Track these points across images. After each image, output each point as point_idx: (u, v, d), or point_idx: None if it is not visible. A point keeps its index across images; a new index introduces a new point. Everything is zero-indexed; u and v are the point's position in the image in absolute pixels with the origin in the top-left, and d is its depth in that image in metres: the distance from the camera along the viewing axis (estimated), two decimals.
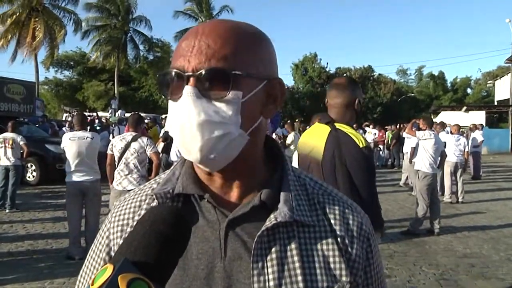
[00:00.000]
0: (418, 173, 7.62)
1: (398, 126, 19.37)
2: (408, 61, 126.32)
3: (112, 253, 0.84)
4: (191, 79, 0.74)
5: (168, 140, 11.06)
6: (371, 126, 19.83)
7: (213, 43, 0.75)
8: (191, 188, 0.82)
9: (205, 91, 0.74)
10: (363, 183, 2.33)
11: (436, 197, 7.54)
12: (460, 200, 9.96)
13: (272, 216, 0.78)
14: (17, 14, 31.56)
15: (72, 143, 5.81)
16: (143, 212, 0.84)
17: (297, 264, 0.77)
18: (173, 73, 0.76)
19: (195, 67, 0.74)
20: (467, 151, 11.10)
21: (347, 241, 0.82)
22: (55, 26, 32.34)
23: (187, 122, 0.74)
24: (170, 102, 0.78)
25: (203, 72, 0.74)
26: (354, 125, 2.81)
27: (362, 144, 2.39)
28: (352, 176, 2.36)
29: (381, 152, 19.19)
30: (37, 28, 31.19)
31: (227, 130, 0.75)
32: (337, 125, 2.51)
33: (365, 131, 19.30)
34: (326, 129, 2.53)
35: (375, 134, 18.40)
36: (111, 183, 5.64)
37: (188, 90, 0.74)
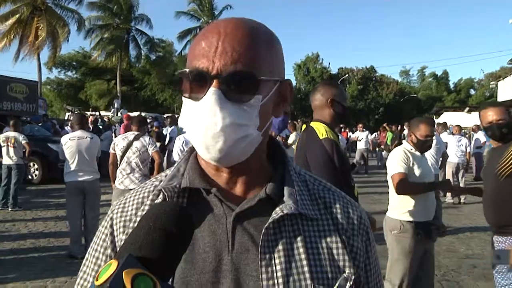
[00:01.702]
0: None
1: (399, 127, 19.29)
2: (411, 61, 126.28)
3: (117, 249, 0.84)
4: (215, 80, 0.74)
5: (161, 140, 11.00)
6: (359, 129, 18.08)
7: (237, 45, 0.75)
8: (198, 182, 0.83)
9: (229, 94, 0.75)
10: (317, 169, 2.42)
11: (438, 197, 7.51)
12: (462, 201, 9.95)
13: (278, 209, 0.80)
14: (20, 13, 31.62)
15: (71, 143, 5.83)
16: (146, 208, 0.85)
17: (303, 256, 0.79)
18: (196, 73, 0.76)
19: (220, 69, 0.74)
20: (469, 152, 11.08)
21: (349, 234, 0.85)
22: (58, 25, 32.40)
23: (211, 124, 0.74)
24: (188, 100, 0.79)
25: (230, 75, 0.74)
26: (341, 124, 2.98)
27: (322, 135, 2.52)
28: (310, 165, 2.49)
29: (383, 153, 19.15)
30: (40, 28, 31.25)
31: (248, 132, 0.77)
32: (312, 123, 2.70)
33: (352, 132, 19.07)
34: (304, 128, 2.78)
35: (367, 136, 17.53)
36: (113, 182, 5.67)
37: (213, 92, 0.74)
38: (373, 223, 3.11)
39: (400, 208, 3.56)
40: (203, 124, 0.75)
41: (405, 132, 15.24)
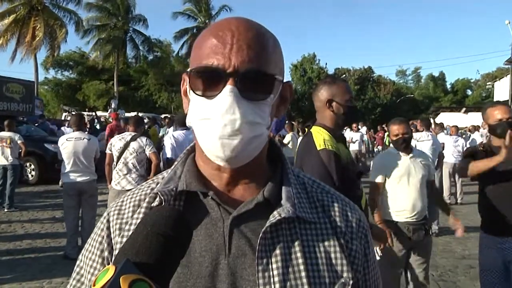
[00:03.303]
0: None
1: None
2: (408, 62, 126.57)
3: (114, 251, 0.83)
4: (231, 78, 0.74)
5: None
6: (353, 129, 16.24)
7: (252, 44, 0.75)
8: (195, 185, 0.82)
9: (245, 92, 0.74)
10: None
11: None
12: (459, 201, 9.97)
13: (275, 212, 0.79)
14: (17, 12, 31.49)
15: (68, 143, 5.84)
16: (142, 210, 0.84)
17: (300, 260, 0.78)
18: (210, 70, 0.75)
19: (237, 66, 0.74)
20: None
21: (347, 237, 0.84)
22: (56, 25, 32.26)
23: (230, 122, 0.74)
24: (200, 99, 0.77)
25: (247, 73, 0.74)
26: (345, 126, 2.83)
27: (320, 146, 2.38)
28: None
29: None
30: (37, 28, 31.11)
31: (261, 131, 0.77)
32: (312, 128, 2.55)
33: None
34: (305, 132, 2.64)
35: (361, 136, 16.38)
36: (110, 183, 5.65)
37: (230, 89, 0.73)
38: (384, 239, 3.06)
39: (383, 207, 3.67)
40: (220, 123, 0.74)
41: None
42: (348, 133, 15.72)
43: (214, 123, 0.74)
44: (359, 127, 16.74)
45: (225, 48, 0.75)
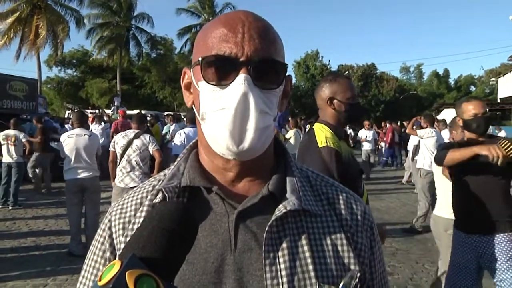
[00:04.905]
0: (419, 171, 7.61)
1: (399, 124, 19.25)
2: (411, 58, 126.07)
3: (116, 252, 0.83)
4: (245, 67, 0.73)
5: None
6: (365, 127, 15.29)
7: (263, 34, 0.75)
8: (199, 181, 0.82)
9: (257, 81, 0.74)
10: None
11: None
12: None
13: (281, 206, 0.78)
14: (20, 11, 31.52)
15: (70, 140, 5.85)
16: (145, 209, 0.83)
17: (307, 254, 0.78)
18: (223, 58, 0.74)
19: (250, 55, 0.73)
20: None
21: (353, 230, 0.84)
22: (58, 23, 32.28)
23: (244, 111, 0.73)
24: (212, 88, 0.76)
25: (261, 61, 0.73)
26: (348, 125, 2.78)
27: (321, 143, 2.35)
28: None
29: (383, 150, 19.10)
30: (40, 26, 31.14)
31: (270, 122, 0.77)
32: (315, 125, 2.53)
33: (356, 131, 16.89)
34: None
35: (373, 134, 15.26)
36: (113, 181, 5.66)
37: (244, 77, 0.72)
38: (383, 235, 3.04)
39: (443, 205, 3.50)
40: (234, 112, 0.72)
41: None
42: (362, 132, 15.04)
43: (228, 113, 0.73)
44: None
45: (236, 37, 0.74)
